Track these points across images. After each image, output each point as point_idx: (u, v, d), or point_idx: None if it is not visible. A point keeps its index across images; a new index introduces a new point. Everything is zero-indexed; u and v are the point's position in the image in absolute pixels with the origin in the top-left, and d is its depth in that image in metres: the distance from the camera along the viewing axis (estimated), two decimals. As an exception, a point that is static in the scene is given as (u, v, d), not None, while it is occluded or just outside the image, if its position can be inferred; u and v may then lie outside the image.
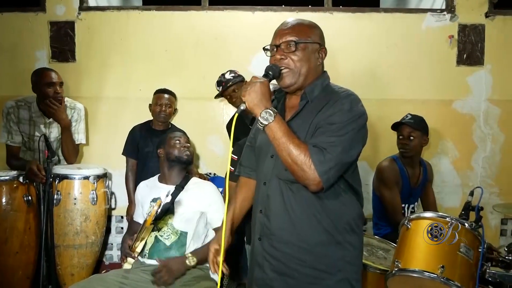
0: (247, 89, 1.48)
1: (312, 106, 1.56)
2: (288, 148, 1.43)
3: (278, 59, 1.56)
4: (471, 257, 1.85)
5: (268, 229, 1.59)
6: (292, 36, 1.55)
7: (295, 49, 1.54)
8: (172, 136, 2.54)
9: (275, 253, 1.58)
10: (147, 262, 2.32)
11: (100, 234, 2.96)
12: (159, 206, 2.02)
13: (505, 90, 3.41)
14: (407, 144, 2.84)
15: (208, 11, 3.40)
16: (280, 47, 1.56)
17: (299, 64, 1.55)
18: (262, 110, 1.45)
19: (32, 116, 2.95)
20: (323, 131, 1.47)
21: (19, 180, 2.76)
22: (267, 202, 1.59)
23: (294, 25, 1.59)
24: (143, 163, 3.07)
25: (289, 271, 1.56)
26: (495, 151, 3.43)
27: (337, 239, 1.55)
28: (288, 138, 1.44)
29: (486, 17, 3.36)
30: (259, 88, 1.47)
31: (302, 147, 1.43)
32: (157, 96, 3.14)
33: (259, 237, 1.62)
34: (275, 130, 1.44)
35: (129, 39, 3.38)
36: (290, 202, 1.55)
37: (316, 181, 1.43)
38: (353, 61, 3.36)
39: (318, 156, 1.42)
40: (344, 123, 1.47)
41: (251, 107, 1.47)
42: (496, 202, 3.31)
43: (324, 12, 3.38)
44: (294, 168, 1.44)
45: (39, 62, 3.34)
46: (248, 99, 1.46)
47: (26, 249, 2.79)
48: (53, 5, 3.36)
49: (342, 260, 1.56)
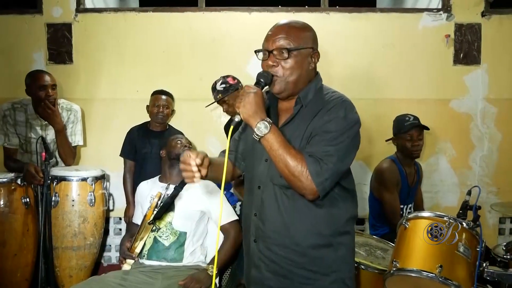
0: (241, 101, 1.45)
1: (306, 111, 1.55)
2: (285, 160, 1.43)
3: (270, 66, 1.53)
4: (469, 256, 1.86)
5: (262, 232, 1.60)
6: (285, 42, 1.51)
7: (287, 57, 1.51)
8: (174, 138, 2.64)
9: (271, 254, 1.59)
10: (146, 263, 2.33)
11: (98, 235, 2.96)
12: (159, 198, 2.02)
13: (501, 89, 3.42)
14: (418, 145, 2.84)
15: (205, 12, 3.39)
16: (273, 53, 1.52)
17: (289, 72, 1.52)
18: (258, 122, 1.43)
19: (29, 118, 2.94)
20: (319, 139, 1.47)
21: (17, 182, 2.76)
22: (262, 206, 1.60)
23: (287, 29, 1.55)
24: (140, 165, 3.07)
25: (284, 272, 1.58)
26: (492, 150, 3.44)
27: (331, 241, 1.57)
28: (284, 150, 1.43)
29: (482, 17, 3.37)
30: (253, 99, 1.44)
31: (299, 158, 1.43)
32: (155, 97, 3.14)
33: (254, 239, 1.63)
34: (271, 142, 1.44)
35: (126, 41, 3.38)
36: (284, 206, 1.55)
37: (313, 191, 1.44)
38: (350, 61, 3.37)
39: (315, 167, 1.42)
40: (339, 132, 1.47)
41: (246, 119, 1.45)
42: (494, 201, 3.32)
43: (320, 12, 3.39)
44: (291, 179, 1.45)
45: (36, 64, 3.33)
46: (243, 111, 1.44)
47: (24, 251, 2.78)
48: (50, 7, 3.35)
49: (336, 261, 1.58)
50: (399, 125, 2.88)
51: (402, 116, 2.90)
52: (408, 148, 2.84)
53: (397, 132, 2.89)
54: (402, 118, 2.89)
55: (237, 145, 1.76)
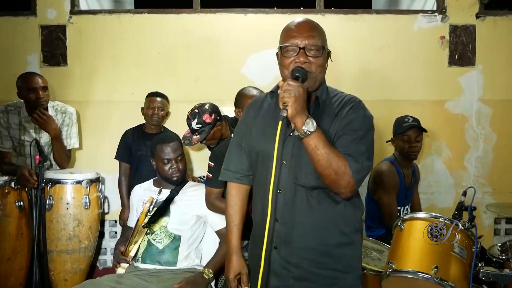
0: (290, 95, 1.37)
1: (322, 110, 1.56)
2: (330, 159, 1.42)
3: (301, 62, 1.49)
4: (465, 257, 1.86)
5: (286, 237, 1.57)
6: (318, 40, 1.51)
7: (320, 54, 1.51)
8: (162, 151, 2.39)
9: (295, 260, 1.57)
10: (140, 266, 2.31)
11: (93, 238, 2.94)
12: (151, 203, 2.01)
13: (496, 90, 3.43)
14: (415, 146, 2.84)
15: (200, 14, 3.39)
16: (305, 49, 1.50)
17: (319, 69, 1.53)
18: (306, 118, 1.39)
19: (22, 121, 2.93)
20: (349, 139, 1.49)
21: (11, 186, 2.73)
22: (285, 209, 1.56)
23: (316, 27, 1.55)
24: (136, 167, 3.06)
25: (310, 276, 1.57)
26: (487, 151, 3.45)
27: (351, 238, 1.60)
28: (329, 149, 1.43)
29: (477, 18, 3.38)
30: (302, 94, 1.39)
31: (342, 158, 1.44)
32: (149, 100, 3.13)
33: (275, 246, 1.59)
34: (317, 141, 1.41)
35: (121, 43, 3.37)
36: (310, 208, 1.55)
37: (353, 189, 1.48)
38: (346, 63, 3.36)
39: (356, 166, 1.46)
40: (364, 130, 1.52)
41: (294, 115, 1.38)
42: (489, 201, 3.33)
43: (316, 14, 3.38)
44: (333, 178, 1.44)
45: (30, 66, 3.32)
46: (294, 106, 1.37)
47: (18, 255, 2.76)
48: (44, 9, 3.34)
49: (355, 258, 1.63)
50: (398, 126, 2.89)
51: (402, 117, 2.91)
52: (405, 149, 2.84)
53: (395, 133, 2.90)
54: (401, 119, 2.90)
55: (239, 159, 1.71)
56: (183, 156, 2.46)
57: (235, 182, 1.74)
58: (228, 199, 1.75)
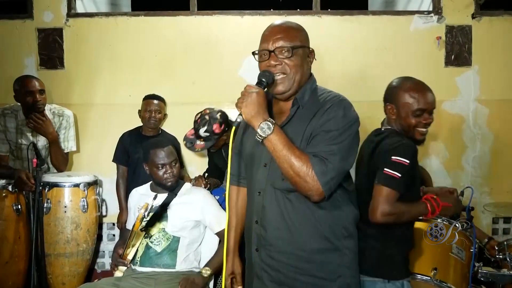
0: (243, 101, 1.42)
1: (303, 112, 1.54)
2: (290, 160, 1.40)
3: (272, 65, 1.51)
4: (463, 257, 1.86)
5: (265, 240, 1.56)
6: (285, 41, 1.50)
7: (291, 55, 1.50)
8: (156, 156, 2.35)
9: (274, 263, 1.55)
10: (139, 269, 2.30)
11: (91, 242, 2.93)
12: (146, 209, 2.01)
13: (493, 90, 3.43)
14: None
15: (197, 16, 3.39)
16: (274, 52, 1.51)
17: (294, 70, 1.51)
18: (260, 122, 1.41)
19: (19, 125, 2.92)
20: (321, 139, 1.45)
21: (8, 189, 2.72)
22: (263, 212, 1.56)
23: (285, 28, 1.54)
24: (133, 170, 3.05)
25: (288, 281, 1.54)
26: (484, 151, 3.45)
27: (336, 245, 1.54)
28: (289, 150, 1.40)
29: (472, 18, 3.39)
30: (255, 98, 1.42)
31: (304, 159, 1.41)
32: (146, 102, 3.12)
33: (256, 248, 1.59)
34: (274, 143, 1.41)
35: (118, 45, 3.36)
36: (287, 211, 1.52)
37: (319, 192, 1.42)
38: (342, 64, 3.37)
39: (320, 167, 1.40)
40: (340, 130, 1.46)
41: (248, 119, 1.42)
42: (487, 201, 3.33)
43: (312, 15, 3.39)
44: (296, 180, 1.41)
45: (27, 69, 3.30)
46: (245, 112, 1.42)
47: (16, 258, 2.74)
48: (41, 12, 3.33)
49: (341, 265, 1.55)
50: None
51: None
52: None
53: None
54: None
55: (238, 163, 1.73)
56: (177, 161, 2.44)
57: (233, 185, 1.79)
58: (228, 201, 1.78)
